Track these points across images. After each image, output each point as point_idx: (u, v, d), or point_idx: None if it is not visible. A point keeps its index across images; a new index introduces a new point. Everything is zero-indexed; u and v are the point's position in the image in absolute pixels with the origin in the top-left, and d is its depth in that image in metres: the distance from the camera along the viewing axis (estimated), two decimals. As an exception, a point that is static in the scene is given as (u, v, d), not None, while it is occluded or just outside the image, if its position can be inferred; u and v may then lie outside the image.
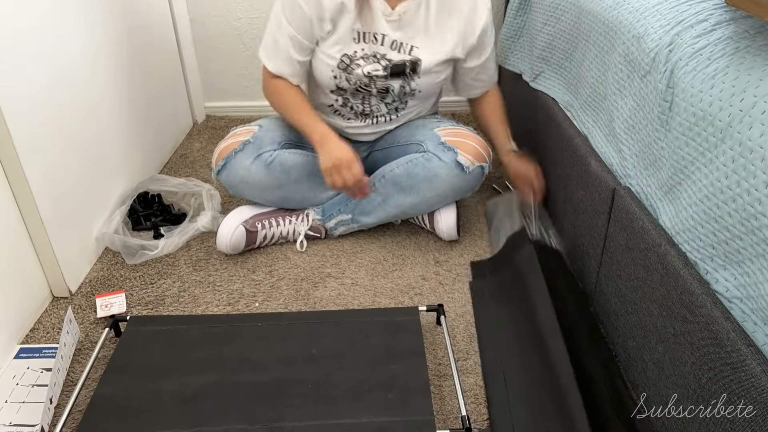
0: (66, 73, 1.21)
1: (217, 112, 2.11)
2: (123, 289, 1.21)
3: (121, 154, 1.45)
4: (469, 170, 1.28)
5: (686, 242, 0.79)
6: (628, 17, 1.01)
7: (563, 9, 1.33)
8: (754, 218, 0.64)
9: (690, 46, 0.82)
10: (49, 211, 1.12)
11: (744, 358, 0.65)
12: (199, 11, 1.94)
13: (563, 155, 1.27)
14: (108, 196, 1.38)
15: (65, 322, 1.03)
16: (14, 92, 1.03)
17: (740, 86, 0.69)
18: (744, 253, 0.67)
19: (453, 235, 1.33)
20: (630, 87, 0.98)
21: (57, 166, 1.16)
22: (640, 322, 0.91)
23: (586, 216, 1.13)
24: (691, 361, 0.76)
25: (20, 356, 1.06)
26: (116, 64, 1.43)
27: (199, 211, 1.42)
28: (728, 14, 0.81)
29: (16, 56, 1.05)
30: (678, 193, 0.82)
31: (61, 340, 1.00)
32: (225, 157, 1.30)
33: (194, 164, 1.74)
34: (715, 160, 0.72)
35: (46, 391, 0.93)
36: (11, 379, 1.01)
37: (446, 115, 1.66)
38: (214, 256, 1.32)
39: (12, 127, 1.02)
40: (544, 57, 1.46)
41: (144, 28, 1.61)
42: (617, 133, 1.02)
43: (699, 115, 0.75)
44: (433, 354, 1.05)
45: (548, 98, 1.43)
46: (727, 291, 0.71)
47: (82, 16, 1.28)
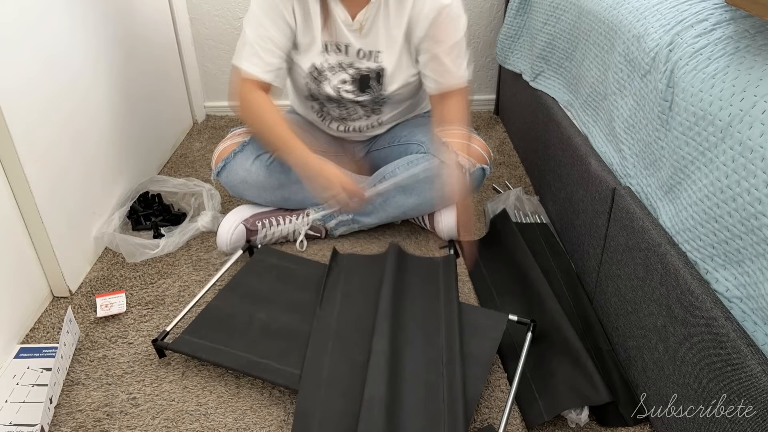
0: (66, 73, 1.21)
1: (217, 111, 2.11)
2: (123, 289, 1.21)
3: (121, 154, 1.45)
4: (470, 172, 1.27)
5: (686, 242, 0.79)
6: (628, 17, 1.01)
7: (563, 9, 1.33)
8: (754, 218, 0.64)
9: (690, 45, 0.82)
10: (49, 211, 1.13)
11: (744, 357, 0.65)
12: (199, 11, 1.94)
13: (563, 155, 1.27)
14: (108, 196, 1.38)
15: (65, 322, 1.03)
16: (14, 92, 1.03)
17: (740, 86, 0.69)
18: (744, 252, 0.67)
19: (453, 235, 1.33)
20: (630, 86, 0.98)
21: (57, 166, 1.16)
22: (640, 322, 0.91)
23: (586, 216, 1.13)
24: (691, 361, 0.76)
25: (20, 356, 1.06)
26: (116, 63, 1.43)
27: (199, 211, 1.42)
28: (728, 14, 0.81)
29: (16, 56, 1.05)
30: (678, 192, 0.82)
31: (61, 339, 1.00)
32: (224, 159, 1.30)
33: (194, 164, 1.74)
34: (715, 160, 0.72)
35: (46, 391, 0.93)
36: (11, 379, 1.01)
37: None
38: (215, 256, 1.32)
39: (12, 127, 1.02)
40: (544, 57, 1.46)
41: (144, 27, 1.61)
42: (617, 133, 1.02)
43: (699, 114, 0.75)
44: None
45: (548, 98, 1.43)
46: (727, 291, 0.71)
47: (83, 16, 1.28)
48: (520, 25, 1.66)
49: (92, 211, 1.30)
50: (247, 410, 0.95)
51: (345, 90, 1.26)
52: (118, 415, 0.94)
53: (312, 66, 1.24)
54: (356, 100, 1.29)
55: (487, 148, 1.33)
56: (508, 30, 1.70)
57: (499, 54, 1.78)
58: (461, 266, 1.27)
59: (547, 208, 1.42)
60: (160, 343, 1.03)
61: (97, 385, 1.00)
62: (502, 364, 1.02)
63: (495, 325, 1.03)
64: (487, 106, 2.12)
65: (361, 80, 1.25)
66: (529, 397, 0.94)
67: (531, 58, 1.55)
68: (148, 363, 1.04)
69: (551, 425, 0.91)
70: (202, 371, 1.02)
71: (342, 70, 1.24)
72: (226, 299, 1.12)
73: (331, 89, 1.27)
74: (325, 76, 1.25)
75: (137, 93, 1.55)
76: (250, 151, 1.30)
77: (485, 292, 1.19)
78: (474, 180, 1.30)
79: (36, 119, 1.10)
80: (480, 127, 1.96)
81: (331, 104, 1.32)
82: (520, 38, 1.67)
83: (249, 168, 1.29)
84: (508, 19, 1.69)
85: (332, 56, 1.23)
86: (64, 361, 1.01)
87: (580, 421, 0.89)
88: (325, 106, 1.34)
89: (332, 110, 1.34)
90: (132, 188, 1.48)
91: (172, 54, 1.83)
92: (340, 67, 1.24)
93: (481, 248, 1.32)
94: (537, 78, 1.51)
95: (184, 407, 0.95)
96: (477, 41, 2.02)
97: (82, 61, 1.27)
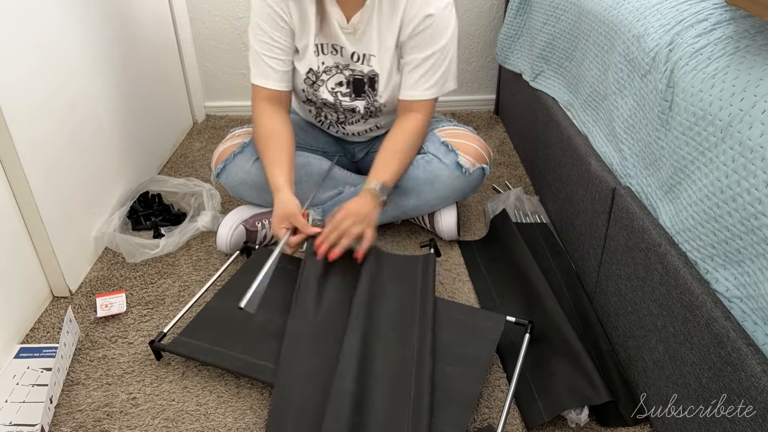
0: (66, 72, 1.21)
1: (217, 111, 2.11)
2: (123, 289, 1.21)
3: (121, 153, 1.45)
4: (470, 172, 1.27)
5: (686, 242, 0.79)
6: (628, 17, 1.01)
7: (563, 8, 1.33)
8: (754, 217, 0.64)
9: (690, 45, 0.82)
10: (49, 211, 1.13)
11: (744, 357, 0.65)
12: (199, 11, 1.94)
13: (563, 155, 1.27)
14: (108, 196, 1.38)
15: (65, 322, 1.03)
16: (15, 92, 1.03)
17: (740, 86, 0.69)
18: (744, 252, 0.67)
19: (453, 235, 1.33)
20: (630, 86, 0.98)
21: (57, 166, 1.16)
22: (640, 322, 0.91)
23: (586, 216, 1.13)
24: (691, 361, 0.76)
25: (20, 356, 1.06)
26: (116, 63, 1.43)
27: (199, 211, 1.42)
28: (728, 14, 0.81)
29: (16, 56, 1.05)
30: (678, 192, 0.82)
31: (61, 339, 1.00)
32: (224, 160, 1.30)
33: (194, 164, 1.74)
34: (715, 160, 0.72)
35: (46, 391, 0.93)
36: (11, 379, 1.01)
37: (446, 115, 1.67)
38: (215, 256, 1.32)
39: (12, 127, 1.02)
40: (544, 56, 1.46)
41: (144, 27, 1.61)
42: (617, 133, 1.02)
43: (699, 114, 0.75)
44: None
45: (548, 98, 1.43)
46: (727, 290, 0.71)
47: (83, 16, 1.28)
48: (520, 25, 1.66)
49: (92, 211, 1.30)
50: (247, 410, 0.95)
51: (341, 93, 1.26)
52: (118, 414, 0.94)
53: (309, 70, 1.24)
54: (352, 107, 1.28)
55: (486, 148, 1.33)
56: (508, 30, 1.70)
57: (499, 54, 1.78)
58: (461, 266, 1.27)
59: (547, 208, 1.42)
60: (157, 344, 1.03)
61: (97, 385, 1.00)
62: (502, 364, 1.02)
63: (493, 326, 1.03)
64: (487, 106, 2.12)
65: (355, 83, 1.25)
66: (529, 397, 0.94)
67: (531, 58, 1.55)
68: (148, 363, 1.04)
69: (551, 425, 0.91)
70: (202, 371, 1.02)
71: (339, 72, 1.24)
72: (223, 300, 1.11)
73: (328, 93, 1.26)
74: (321, 80, 1.25)
75: (137, 93, 1.55)
76: (250, 152, 1.30)
77: (485, 292, 1.19)
78: (474, 180, 1.30)
79: (36, 120, 1.10)
80: (480, 127, 1.96)
81: (328, 110, 1.32)
82: (520, 38, 1.67)
83: (249, 170, 1.29)
84: (508, 18, 1.69)
85: (329, 57, 1.23)
86: (65, 361, 1.01)
87: (580, 421, 0.89)
88: (322, 111, 1.34)
89: (329, 114, 1.34)
90: (132, 188, 1.48)
91: (172, 54, 1.83)
92: (336, 69, 1.24)
93: (481, 248, 1.32)
94: (537, 78, 1.51)
95: (184, 407, 0.95)
96: (477, 41, 2.02)
97: (82, 62, 1.27)
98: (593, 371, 0.92)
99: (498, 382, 0.99)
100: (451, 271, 1.26)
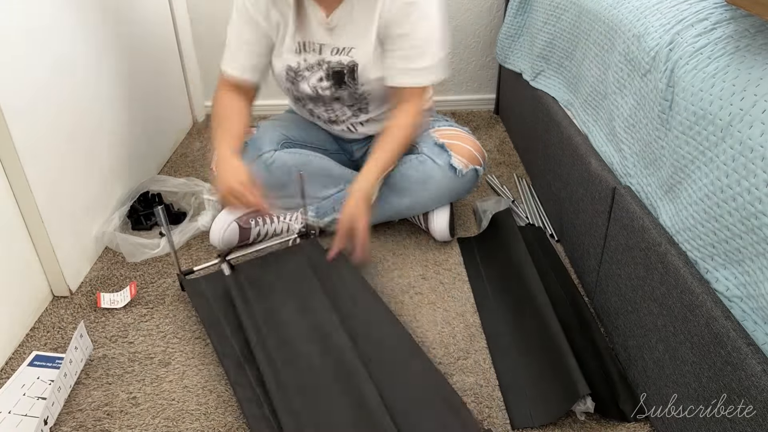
0: (66, 72, 1.21)
1: (217, 111, 2.11)
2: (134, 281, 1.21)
3: (121, 153, 1.45)
4: (463, 173, 1.27)
5: (686, 241, 0.79)
6: (628, 16, 1.01)
7: (563, 8, 1.33)
8: (754, 217, 0.64)
9: (690, 45, 0.82)
10: (50, 211, 1.12)
11: (744, 357, 0.64)
12: (199, 11, 1.94)
13: (563, 154, 1.27)
14: (108, 195, 1.38)
15: (75, 337, 0.98)
16: (14, 92, 1.03)
17: (740, 85, 0.69)
18: (744, 252, 0.67)
19: (445, 237, 1.33)
20: (630, 86, 0.98)
21: (57, 166, 1.16)
22: (640, 321, 0.90)
23: (586, 215, 1.13)
24: (691, 360, 0.76)
25: (34, 363, 1.03)
26: (116, 63, 1.43)
27: (199, 211, 1.42)
28: (728, 13, 0.81)
29: (16, 56, 1.05)
30: (678, 192, 0.82)
31: (68, 355, 0.96)
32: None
33: (194, 163, 1.74)
34: (715, 159, 0.72)
35: (41, 410, 0.89)
36: (20, 388, 0.98)
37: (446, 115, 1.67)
38: (215, 255, 1.32)
39: (12, 126, 1.02)
40: (545, 56, 1.46)
41: (144, 27, 1.61)
42: (617, 132, 1.02)
43: (699, 114, 0.75)
44: None
45: (548, 97, 1.42)
46: (727, 290, 0.71)
47: (83, 16, 1.28)
48: (520, 25, 1.66)
49: (92, 210, 1.30)
50: (247, 410, 0.95)
51: (321, 87, 1.27)
52: (119, 414, 0.94)
53: (288, 67, 1.25)
54: (335, 97, 1.28)
55: (481, 149, 1.33)
56: (509, 29, 1.70)
57: (499, 53, 1.78)
58: (461, 266, 1.27)
59: (547, 207, 1.42)
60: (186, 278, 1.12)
61: (97, 385, 1.00)
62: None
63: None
64: (487, 106, 2.12)
65: (335, 75, 1.25)
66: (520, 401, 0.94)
67: (531, 57, 1.55)
68: (148, 363, 1.04)
69: (551, 424, 0.91)
70: (202, 371, 1.02)
71: (319, 68, 1.25)
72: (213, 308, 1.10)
73: (309, 88, 1.27)
74: (302, 76, 1.26)
75: (137, 93, 1.55)
76: (250, 152, 1.30)
77: (480, 289, 1.19)
78: (467, 182, 1.30)
79: (36, 119, 1.10)
80: (480, 127, 1.96)
81: (317, 105, 1.32)
82: (521, 38, 1.67)
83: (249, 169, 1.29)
84: (508, 18, 1.69)
85: (310, 55, 1.24)
86: (68, 379, 0.97)
87: (588, 409, 0.89)
88: (313, 112, 1.34)
89: (321, 113, 1.34)
90: (132, 188, 1.48)
91: (172, 54, 1.83)
92: (318, 65, 1.25)
93: (479, 245, 1.32)
94: (537, 77, 1.51)
95: (185, 407, 0.95)
96: (477, 41, 2.02)
97: (82, 62, 1.27)
98: (575, 368, 0.92)
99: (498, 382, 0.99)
100: (451, 271, 1.26)
